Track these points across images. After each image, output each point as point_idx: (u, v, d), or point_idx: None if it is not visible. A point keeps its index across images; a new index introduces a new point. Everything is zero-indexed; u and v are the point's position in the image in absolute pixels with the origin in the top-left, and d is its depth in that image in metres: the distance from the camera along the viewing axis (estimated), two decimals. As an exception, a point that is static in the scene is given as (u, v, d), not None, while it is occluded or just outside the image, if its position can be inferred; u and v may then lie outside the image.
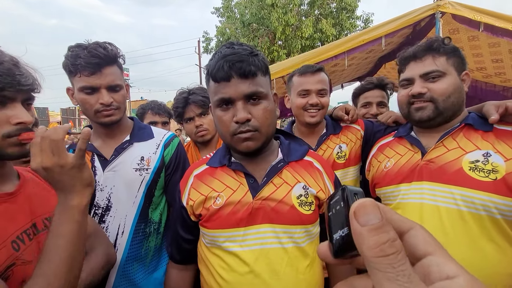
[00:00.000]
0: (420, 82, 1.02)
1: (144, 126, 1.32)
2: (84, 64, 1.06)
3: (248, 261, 0.83)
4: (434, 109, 1.00)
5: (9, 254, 0.70)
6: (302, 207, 0.87)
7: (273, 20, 11.92)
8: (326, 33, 12.42)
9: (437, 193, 0.95)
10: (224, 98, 0.81)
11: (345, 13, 12.90)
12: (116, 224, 1.14)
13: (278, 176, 0.90)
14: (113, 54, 1.13)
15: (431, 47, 1.02)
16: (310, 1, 13.10)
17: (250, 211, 0.86)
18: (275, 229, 0.85)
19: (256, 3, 13.04)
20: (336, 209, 0.29)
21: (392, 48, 4.23)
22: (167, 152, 1.27)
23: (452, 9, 3.04)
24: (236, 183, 0.90)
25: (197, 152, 1.73)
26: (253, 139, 0.83)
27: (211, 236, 0.89)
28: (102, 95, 1.10)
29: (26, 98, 0.75)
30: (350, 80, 5.80)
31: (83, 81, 1.08)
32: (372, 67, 5.09)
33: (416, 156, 1.05)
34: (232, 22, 14.18)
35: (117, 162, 1.18)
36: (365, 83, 1.80)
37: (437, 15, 3.10)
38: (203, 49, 15.63)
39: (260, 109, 0.82)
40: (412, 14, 3.23)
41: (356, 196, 0.28)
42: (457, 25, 3.41)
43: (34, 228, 0.78)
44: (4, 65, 0.67)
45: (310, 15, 13.04)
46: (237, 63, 0.78)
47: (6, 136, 0.69)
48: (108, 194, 1.15)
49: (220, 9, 14.92)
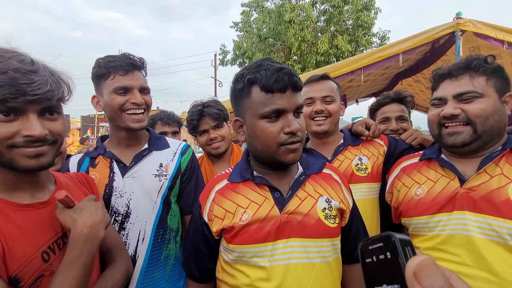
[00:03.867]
0: (453, 103, 0.94)
1: (159, 137, 1.33)
2: (120, 64, 1.10)
3: (277, 276, 0.82)
4: (472, 133, 0.90)
5: (38, 266, 0.69)
6: (328, 220, 0.87)
7: (290, 36, 12.13)
8: (341, 49, 12.50)
9: (483, 226, 0.86)
10: (279, 109, 0.81)
11: (361, 30, 12.97)
12: (136, 231, 1.13)
13: (302, 189, 0.90)
14: (142, 63, 1.19)
15: (469, 66, 0.93)
16: (327, 18, 13.29)
17: (278, 225, 0.84)
18: (304, 243, 0.84)
19: (274, 19, 13.34)
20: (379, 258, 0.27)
21: (409, 65, 4.19)
22: (184, 159, 1.28)
23: (473, 27, 3.00)
24: (261, 198, 0.88)
25: (211, 165, 1.72)
26: (299, 150, 0.86)
27: (238, 252, 0.86)
28: (135, 95, 1.12)
29: (46, 108, 0.70)
30: (365, 96, 5.75)
31: (117, 81, 1.11)
32: (388, 83, 5.05)
33: (453, 183, 0.94)
34: (249, 36, 14.52)
35: (137, 169, 1.18)
36: (382, 98, 1.68)
37: (457, 33, 3.05)
38: (219, 61, 16.01)
39: (302, 122, 0.86)
40: (431, 32, 3.20)
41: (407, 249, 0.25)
42: (478, 43, 3.35)
43: (65, 238, 0.78)
44: (8, 75, 0.63)
45: (326, 32, 13.19)
46: (293, 76, 0.82)
47: (11, 146, 0.66)
48: (127, 201, 1.14)
49: (238, 23, 15.36)
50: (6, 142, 0.66)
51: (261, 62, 0.86)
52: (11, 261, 0.65)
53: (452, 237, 0.90)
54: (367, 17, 12.67)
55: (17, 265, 0.66)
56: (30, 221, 0.72)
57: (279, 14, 13.00)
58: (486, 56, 0.95)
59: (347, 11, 13.02)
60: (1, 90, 0.62)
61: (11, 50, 0.69)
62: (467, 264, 0.85)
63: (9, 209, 0.69)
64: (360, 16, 12.62)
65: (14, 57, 0.66)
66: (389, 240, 0.26)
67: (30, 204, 0.73)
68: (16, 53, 0.68)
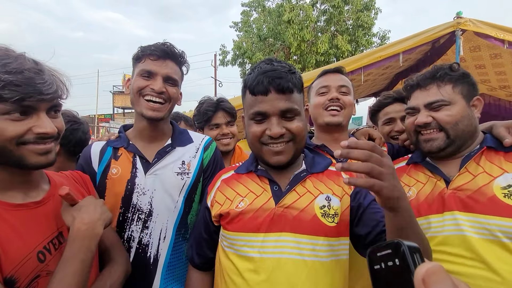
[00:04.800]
0: (424, 112, 1.00)
1: (182, 131, 1.30)
2: (153, 49, 1.09)
3: (266, 269, 0.81)
4: (445, 139, 0.96)
5: (34, 266, 0.69)
6: (325, 218, 0.84)
7: (289, 36, 12.12)
8: (341, 49, 12.49)
9: (474, 225, 0.88)
10: (260, 111, 0.84)
11: (361, 30, 12.97)
12: (158, 230, 1.11)
13: (301, 185, 0.90)
14: (182, 56, 1.17)
15: (435, 76, 0.99)
16: (327, 18, 13.29)
17: (271, 217, 0.85)
18: (297, 238, 0.82)
19: (274, 19, 13.34)
20: (388, 265, 0.27)
21: (409, 64, 4.18)
22: (206, 155, 1.24)
23: (473, 26, 2.99)
24: (260, 189, 0.91)
25: None
26: (284, 152, 0.85)
27: (230, 239, 0.89)
28: (156, 81, 1.09)
29: (52, 106, 0.73)
30: (365, 96, 5.75)
31: (145, 64, 1.10)
32: (388, 83, 5.04)
33: (440, 184, 0.98)
34: (249, 36, 14.52)
35: (159, 166, 1.14)
36: (383, 98, 1.61)
37: (457, 33, 3.05)
38: (219, 62, 16.01)
39: (294, 126, 0.85)
40: (432, 31, 3.19)
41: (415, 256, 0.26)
42: (478, 42, 3.34)
43: (60, 237, 0.78)
44: (24, 75, 0.65)
45: (326, 32, 13.19)
46: (276, 79, 0.82)
47: (20, 142, 0.67)
48: (150, 199, 1.11)
49: (238, 24, 15.36)
50: (16, 139, 0.67)
51: (259, 63, 0.89)
52: (6, 262, 0.64)
53: (448, 238, 0.91)
54: (367, 17, 12.67)
55: (12, 266, 0.65)
56: (24, 221, 0.71)
57: (279, 14, 13.00)
58: (450, 64, 1.01)
59: (347, 11, 13.02)
60: (21, 89, 0.64)
61: (12, 49, 0.69)
62: (465, 264, 0.86)
63: (2, 209, 0.69)
64: (360, 16, 12.62)
65: (19, 57, 0.67)
66: (398, 247, 0.26)
67: (23, 204, 0.73)
68: (18, 52, 0.69)
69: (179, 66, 1.18)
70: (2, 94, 0.62)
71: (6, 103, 0.64)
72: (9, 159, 0.68)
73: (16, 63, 0.65)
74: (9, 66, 0.64)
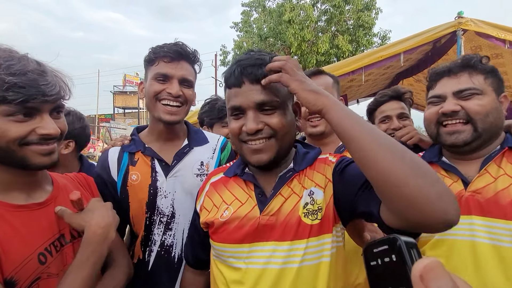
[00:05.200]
0: (452, 99, 0.91)
1: (197, 130, 1.28)
2: (166, 51, 1.06)
3: (250, 280, 0.77)
4: (473, 132, 0.88)
5: (35, 268, 0.68)
6: (308, 217, 0.77)
7: (289, 36, 12.10)
8: (342, 49, 12.47)
9: (492, 230, 0.83)
10: (234, 106, 0.76)
11: (362, 30, 12.95)
12: (181, 230, 1.12)
13: (288, 185, 0.81)
14: (194, 55, 1.14)
15: (469, 64, 0.92)
16: (327, 18, 13.27)
17: (256, 227, 0.78)
18: (280, 247, 0.76)
19: (274, 19, 13.33)
20: (384, 261, 0.27)
21: (410, 64, 4.18)
22: (223, 155, 1.24)
23: (475, 26, 2.99)
24: (245, 196, 0.84)
25: None
26: (265, 150, 0.77)
27: (216, 250, 0.85)
28: (173, 85, 1.07)
29: (55, 107, 0.73)
30: (366, 96, 5.74)
31: (159, 67, 1.07)
32: (389, 83, 5.03)
33: (457, 185, 0.91)
34: (250, 36, 14.51)
35: (179, 168, 1.13)
36: (379, 97, 1.58)
37: (459, 33, 3.04)
38: (220, 62, 16.01)
39: (274, 121, 0.75)
40: (432, 31, 3.19)
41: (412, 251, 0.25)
42: (479, 42, 3.34)
43: (62, 239, 0.77)
44: (28, 76, 0.65)
45: (327, 31, 13.18)
46: (248, 68, 0.74)
47: (23, 143, 0.67)
48: (171, 201, 1.11)
49: (238, 24, 15.35)
50: (19, 140, 0.67)
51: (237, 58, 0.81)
52: (6, 264, 0.64)
53: (455, 243, 0.87)
54: (368, 17, 12.64)
55: (13, 267, 0.65)
56: (26, 222, 0.71)
57: (279, 13, 12.99)
58: (481, 56, 0.95)
59: (348, 11, 13.00)
60: (24, 91, 0.64)
61: (14, 50, 0.70)
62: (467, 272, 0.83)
63: (4, 209, 0.68)
64: (361, 16, 12.59)
65: (22, 58, 0.68)
66: (395, 243, 0.26)
67: (26, 205, 0.73)
68: (18, 53, 0.69)
69: (192, 66, 1.16)
70: (7, 96, 0.63)
71: (10, 104, 0.64)
72: (12, 160, 0.68)
73: (20, 65, 0.65)
74: (12, 68, 0.64)
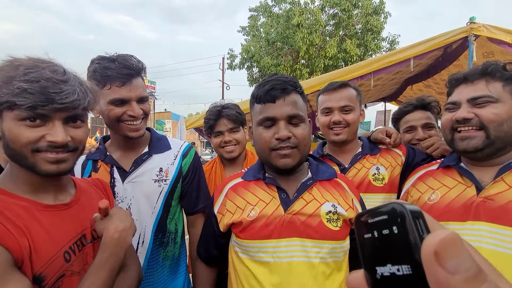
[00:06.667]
0: (466, 107, 0.92)
1: (160, 137, 1.31)
2: (116, 75, 1.05)
3: (279, 273, 0.87)
4: (485, 139, 0.88)
5: (60, 265, 0.72)
6: (331, 223, 0.91)
7: (298, 40, 12.11)
8: (350, 53, 12.41)
9: (499, 237, 0.82)
10: (268, 117, 0.91)
11: (370, 34, 12.87)
12: (136, 235, 1.15)
13: (308, 192, 0.95)
14: (140, 66, 1.14)
15: (486, 71, 0.92)
16: (336, 22, 13.24)
17: (282, 224, 0.90)
18: (304, 243, 0.89)
19: (282, 23, 13.36)
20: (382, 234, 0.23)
21: (420, 69, 4.12)
22: (185, 162, 1.27)
23: (487, 32, 2.93)
24: (269, 197, 0.96)
25: (222, 170, 1.68)
26: (291, 156, 0.90)
27: (245, 246, 0.94)
28: (133, 107, 1.09)
29: (71, 116, 0.74)
30: (374, 100, 5.69)
31: (114, 92, 1.06)
32: (397, 88, 4.98)
33: (470, 191, 0.92)
34: (257, 40, 14.57)
35: (136, 174, 1.18)
36: (403, 106, 1.58)
37: (470, 38, 2.99)
38: (228, 65, 16.09)
39: (299, 132, 0.90)
40: (444, 37, 3.14)
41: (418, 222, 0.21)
42: (491, 48, 3.28)
43: (83, 239, 0.81)
44: (40, 84, 0.67)
45: (335, 36, 13.14)
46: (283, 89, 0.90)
47: (35, 150, 0.70)
48: (127, 206, 1.15)
49: (246, 28, 15.43)
50: (31, 146, 0.69)
51: (263, 80, 0.96)
52: (37, 260, 0.68)
53: None
54: (376, 21, 12.57)
55: (42, 263, 0.68)
56: (54, 221, 0.75)
57: (287, 18, 13.02)
58: (505, 63, 0.93)
59: (356, 15, 12.95)
60: (33, 97, 0.66)
61: (47, 60, 0.73)
62: None
63: (35, 208, 0.72)
64: (370, 20, 12.53)
65: (48, 67, 0.70)
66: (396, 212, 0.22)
67: (54, 205, 0.77)
68: (51, 63, 0.72)
69: (142, 77, 1.16)
70: (16, 101, 0.66)
71: (21, 109, 0.67)
72: (26, 165, 0.71)
73: (37, 73, 0.68)
74: (28, 75, 0.67)
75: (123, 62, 1.08)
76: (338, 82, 1.34)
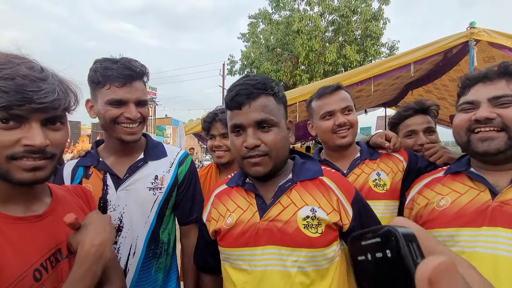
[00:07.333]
0: (487, 106, 0.87)
1: (156, 144, 1.27)
2: (116, 75, 1.02)
3: (254, 281, 0.85)
4: (507, 140, 0.83)
5: (29, 285, 0.64)
6: (308, 229, 0.85)
7: (297, 46, 12.17)
8: (349, 59, 12.45)
9: None
10: (236, 124, 0.88)
11: (370, 40, 12.93)
12: (127, 245, 1.10)
13: (287, 195, 0.91)
14: (143, 70, 1.12)
15: (507, 71, 0.88)
16: (335, 28, 13.32)
17: (256, 231, 0.88)
18: (280, 250, 0.85)
19: (282, 30, 13.45)
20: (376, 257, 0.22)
21: (420, 74, 4.11)
22: (181, 170, 1.23)
23: (487, 36, 2.91)
24: (246, 204, 0.94)
25: (217, 175, 1.67)
26: (262, 164, 0.87)
27: (225, 254, 0.93)
28: (130, 109, 1.06)
29: (50, 117, 0.67)
30: (374, 106, 5.67)
31: (112, 93, 1.03)
32: (398, 93, 4.96)
33: (484, 195, 0.87)
34: (257, 47, 14.65)
35: (131, 181, 1.13)
36: (403, 110, 1.52)
37: (471, 43, 2.97)
38: (228, 71, 16.16)
39: (271, 136, 0.86)
40: (444, 42, 3.13)
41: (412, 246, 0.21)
42: (492, 52, 3.26)
43: (58, 254, 0.73)
44: (15, 81, 0.60)
45: (334, 42, 13.21)
46: (248, 95, 0.86)
47: (10, 157, 0.63)
48: (120, 214, 1.10)
49: (246, 34, 15.54)
50: (6, 151, 0.62)
51: (232, 84, 0.92)
52: (1, 280, 0.60)
53: (474, 255, 0.82)
54: (375, 27, 12.63)
55: (7, 284, 0.60)
56: (23, 235, 0.67)
57: (287, 24, 13.11)
58: None
59: (355, 21, 13.03)
60: (7, 96, 0.59)
61: (22, 56, 0.66)
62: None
63: (1, 222, 0.64)
64: (369, 26, 12.59)
65: (23, 64, 0.63)
66: (390, 236, 0.21)
67: (24, 217, 0.69)
68: (26, 59, 0.65)
69: (143, 81, 1.13)
70: None
71: None
72: None
73: (12, 70, 0.60)
74: (2, 72, 0.60)
75: (125, 63, 1.06)
76: (332, 86, 1.29)
